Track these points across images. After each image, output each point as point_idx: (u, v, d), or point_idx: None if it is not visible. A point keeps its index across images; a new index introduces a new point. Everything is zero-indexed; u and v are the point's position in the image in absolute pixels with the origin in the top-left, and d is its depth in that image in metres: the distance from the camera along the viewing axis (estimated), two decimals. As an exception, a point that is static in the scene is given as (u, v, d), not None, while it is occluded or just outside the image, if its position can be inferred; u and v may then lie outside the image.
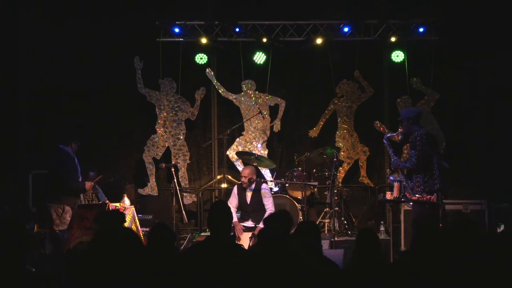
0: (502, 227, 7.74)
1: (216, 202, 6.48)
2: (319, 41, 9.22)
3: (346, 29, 9.29)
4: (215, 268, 3.80)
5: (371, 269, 3.76)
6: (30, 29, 9.11)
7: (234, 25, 9.23)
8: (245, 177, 7.55)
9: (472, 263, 3.31)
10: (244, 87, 9.52)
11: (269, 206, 7.49)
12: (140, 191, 9.32)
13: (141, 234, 7.28)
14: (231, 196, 7.72)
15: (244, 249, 4.31)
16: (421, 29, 9.20)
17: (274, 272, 3.42)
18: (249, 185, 7.58)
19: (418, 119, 6.69)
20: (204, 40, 9.22)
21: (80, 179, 6.74)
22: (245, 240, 7.16)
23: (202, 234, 8.55)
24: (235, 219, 7.40)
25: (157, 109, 9.40)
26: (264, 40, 9.20)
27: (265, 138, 9.49)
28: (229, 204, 7.48)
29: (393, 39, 9.24)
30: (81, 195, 7.14)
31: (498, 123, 9.14)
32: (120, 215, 4.67)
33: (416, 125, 6.57)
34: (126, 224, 6.96)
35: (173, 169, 8.46)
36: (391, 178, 6.87)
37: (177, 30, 9.27)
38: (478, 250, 3.43)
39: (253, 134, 9.47)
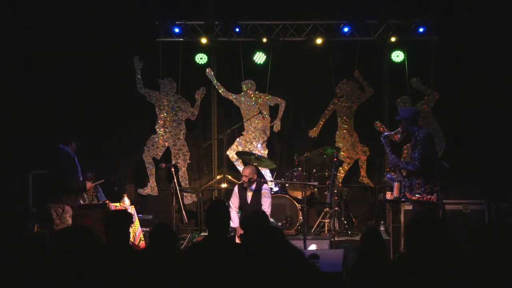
0: None
1: (214, 201, 6.46)
2: (319, 41, 9.23)
3: (346, 29, 9.28)
4: (215, 267, 3.80)
5: (375, 269, 3.76)
6: (30, 29, 9.10)
7: (234, 25, 9.23)
8: (246, 176, 7.56)
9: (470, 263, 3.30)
10: (244, 87, 9.51)
11: (266, 207, 7.51)
12: (140, 191, 9.32)
13: (141, 234, 7.29)
14: (233, 196, 7.72)
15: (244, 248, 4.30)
16: (421, 29, 9.20)
17: (274, 271, 3.42)
18: (250, 184, 7.58)
19: (416, 119, 6.69)
20: (204, 40, 9.23)
21: (81, 179, 6.73)
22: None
23: (202, 234, 8.56)
24: (237, 224, 7.38)
25: (157, 109, 9.40)
26: (264, 40, 9.21)
27: (265, 138, 9.49)
28: (231, 204, 7.54)
29: (393, 39, 9.25)
30: (83, 195, 7.13)
31: (498, 123, 9.13)
32: (128, 216, 4.64)
33: (414, 125, 6.57)
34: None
35: (173, 169, 8.46)
36: (388, 176, 6.84)
37: (177, 30, 9.26)
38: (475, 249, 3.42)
39: (253, 134, 9.47)
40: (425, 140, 6.42)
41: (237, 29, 9.24)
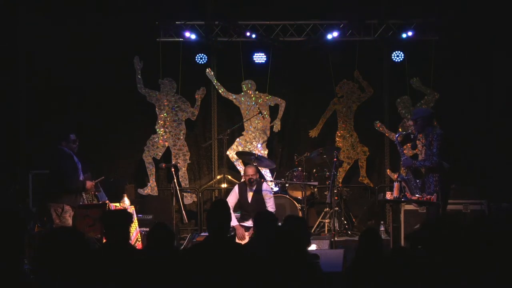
0: None
1: (216, 201, 6.45)
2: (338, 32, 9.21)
3: (330, 36, 9.22)
4: (215, 268, 3.80)
5: (373, 269, 3.76)
6: (30, 29, 9.10)
7: (235, 25, 9.22)
8: (251, 175, 7.55)
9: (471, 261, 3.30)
10: (244, 87, 9.52)
11: (270, 205, 7.55)
12: (140, 191, 9.33)
13: (139, 234, 7.29)
14: (231, 194, 7.73)
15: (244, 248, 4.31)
16: (410, 33, 9.15)
17: (274, 272, 3.43)
18: (251, 184, 7.60)
19: (432, 119, 6.76)
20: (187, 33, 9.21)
21: (81, 177, 6.73)
22: (246, 240, 7.18)
23: (202, 234, 8.56)
24: (235, 222, 7.40)
25: (157, 109, 9.40)
26: (248, 33, 9.19)
27: (265, 138, 9.49)
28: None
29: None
30: (83, 195, 7.12)
31: (498, 123, 9.13)
32: (128, 216, 4.63)
33: (430, 125, 6.63)
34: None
35: (173, 169, 8.46)
36: (400, 177, 6.85)
37: (193, 36, 9.21)
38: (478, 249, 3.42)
39: (253, 134, 9.48)
40: (442, 137, 6.49)
41: (254, 36, 9.21)
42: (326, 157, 8.62)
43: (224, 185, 9.18)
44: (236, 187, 7.80)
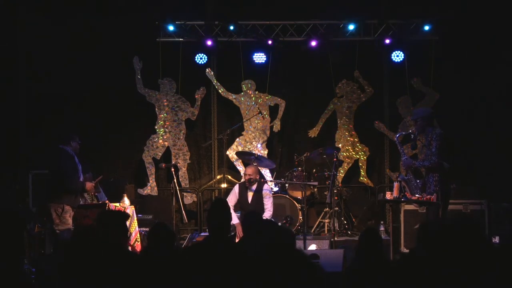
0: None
1: (216, 200, 6.47)
2: (314, 43, 9.23)
3: (351, 27, 9.24)
4: (215, 268, 3.80)
5: (373, 269, 3.77)
6: (30, 29, 9.10)
7: (233, 25, 9.21)
8: (249, 175, 7.59)
9: (472, 264, 3.30)
10: (244, 87, 9.52)
11: (268, 207, 7.56)
12: (140, 191, 9.32)
13: (139, 235, 7.28)
14: (231, 194, 7.75)
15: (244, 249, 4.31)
16: (426, 27, 9.16)
17: (274, 272, 3.42)
18: (251, 184, 7.60)
19: (432, 119, 6.76)
20: (209, 42, 9.22)
21: (81, 178, 6.73)
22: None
23: (202, 234, 8.57)
24: (236, 220, 7.41)
25: (156, 109, 9.39)
26: (270, 42, 9.20)
27: (265, 138, 9.49)
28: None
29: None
30: (85, 195, 7.12)
31: (498, 123, 9.14)
32: (122, 215, 4.64)
33: (430, 126, 6.63)
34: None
35: (173, 169, 8.47)
36: (400, 177, 6.86)
37: (171, 28, 9.22)
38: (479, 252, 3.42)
39: (253, 134, 9.48)
40: (442, 137, 6.49)
41: (231, 27, 9.21)
42: (326, 157, 8.62)
43: (224, 185, 9.18)
44: (236, 187, 7.82)
